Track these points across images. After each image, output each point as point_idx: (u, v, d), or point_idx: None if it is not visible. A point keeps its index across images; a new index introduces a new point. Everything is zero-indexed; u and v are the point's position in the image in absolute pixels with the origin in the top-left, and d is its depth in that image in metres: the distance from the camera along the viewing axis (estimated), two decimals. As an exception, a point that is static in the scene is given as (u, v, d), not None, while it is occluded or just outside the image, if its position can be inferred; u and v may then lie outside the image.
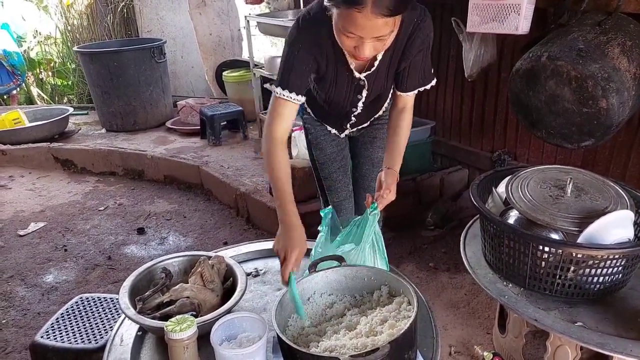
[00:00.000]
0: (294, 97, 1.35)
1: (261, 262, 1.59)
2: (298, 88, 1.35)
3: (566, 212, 1.43)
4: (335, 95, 1.50)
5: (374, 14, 1.09)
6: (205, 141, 3.97)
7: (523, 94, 1.88)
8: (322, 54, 1.35)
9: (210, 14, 4.71)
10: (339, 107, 1.58)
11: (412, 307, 1.06)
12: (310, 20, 1.31)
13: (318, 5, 1.30)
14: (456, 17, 2.38)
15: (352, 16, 1.12)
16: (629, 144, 2.16)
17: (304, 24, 1.32)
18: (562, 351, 1.43)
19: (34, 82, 5.87)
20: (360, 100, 1.54)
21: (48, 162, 3.97)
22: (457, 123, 3.01)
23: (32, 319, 2.25)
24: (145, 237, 2.93)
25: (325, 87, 1.46)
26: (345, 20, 1.15)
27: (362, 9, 1.09)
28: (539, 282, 1.44)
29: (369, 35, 1.16)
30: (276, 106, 1.36)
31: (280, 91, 1.34)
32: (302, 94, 1.37)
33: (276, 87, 1.35)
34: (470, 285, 2.25)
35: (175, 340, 1.01)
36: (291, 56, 1.33)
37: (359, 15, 1.10)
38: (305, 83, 1.37)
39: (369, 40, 1.17)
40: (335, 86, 1.46)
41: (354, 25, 1.13)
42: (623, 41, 1.71)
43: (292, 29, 1.34)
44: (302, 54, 1.33)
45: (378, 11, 1.09)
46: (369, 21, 1.11)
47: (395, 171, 1.49)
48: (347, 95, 1.51)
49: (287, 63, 1.34)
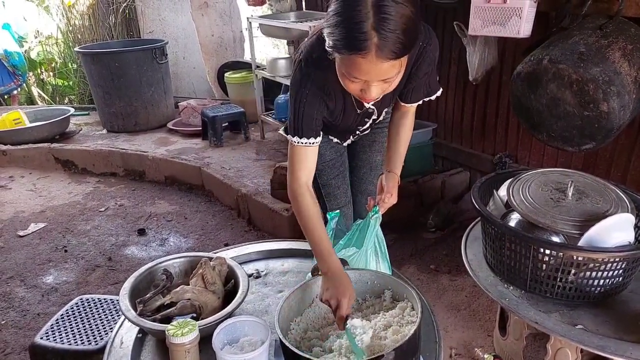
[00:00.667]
0: (312, 142, 1.30)
1: (262, 264, 1.59)
2: (313, 131, 1.30)
3: (567, 215, 1.43)
4: (343, 121, 1.46)
5: (379, 59, 1.01)
6: (207, 142, 3.97)
7: (524, 97, 1.88)
8: (330, 95, 1.30)
9: (213, 15, 4.72)
10: (344, 128, 1.56)
11: (416, 313, 1.06)
12: (314, 62, 1.24)
13: (318, 45, 1.20)
14: (458, 20, 2.38)
15: (355, 62, 1.04)
16: (629, 147, 2.17)
17: (308, 68, 1.25)
18: (563, 354, 1.43)
19: (35, 83, 5.88)
20: (368, 122, 1.54)
21: (49, 162, 3.97)
22: (458, 125, 3.01)
23: (31, 319, 2.25)
24: (146, 238, 2.93)
25: (333, 116, 1.42)
26: (348, 66, 1.08)
27: (365, 54, 1.01)
28: (539, 284, 1.44)
29: (375, 79, 1.09)
30: (295, 154, 1.31)
31: (298, 140, 1.29)
32: (319, 134, 1.32)
33: (292, 137, 1.30)
34: (471, 287, 2.25)
35: (176, 344, 1.01)
36: (300, 103, 1.27)
37: (363, 60, 1.02)
38: (319, 124, 1.32)
39: (375, 84, 1.11)
40: (344, 115, 1.42)
41: (357, 70, 1.06)
42: (624, 45, 1.72)
43: (296, 74, 1.28)
44: (310, 99, 1.27)
45: (383, 55, 1.00)
46: (374, 66, 1.03)
47: (396, 174, 1.49)
48: (356, 121, 1.50)
49: (297, 111, 1.28)
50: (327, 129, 1.64)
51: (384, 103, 1.45)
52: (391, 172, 1.49)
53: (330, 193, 1.76)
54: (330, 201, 1.78)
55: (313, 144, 1.31)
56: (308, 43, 1.28)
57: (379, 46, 0.99)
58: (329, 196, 1.77)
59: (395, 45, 1.00)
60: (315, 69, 1.24)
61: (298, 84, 1.27)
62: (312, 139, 1.30)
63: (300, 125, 1.28)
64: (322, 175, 1.74)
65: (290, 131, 1.30)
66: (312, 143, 1.30)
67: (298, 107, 1.28)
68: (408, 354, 0.99)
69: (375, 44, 0.99)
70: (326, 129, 1.64)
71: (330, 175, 1.73)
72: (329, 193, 1.76)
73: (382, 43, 0.99)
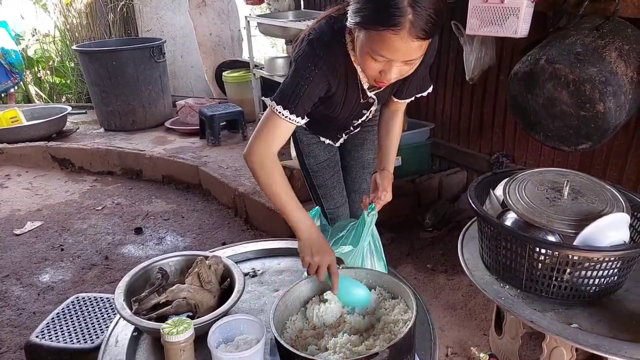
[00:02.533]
0: (296, 120, 1.25)
1: (259, 263, 1.59)
2: (304, 112, 1.26)
3: (563, 214, 1.44)
4: (342, 113, 1.44)
5: (410, 36, 1.01)
6: (204, 141, 3.96)
7: (521, 97, 1.88)
8: (336, 78, 1.27)
9: (211, 14, 4.71)
10: (340, 122, 1.53)
11: (411, 311, 1.07)
12: (326, 44, 1.22)
13: (329, 27, 1.23)
14: (456, 20, 2.38)
15: (385, 38, 1.03)
16: (625, 147, 2.17)
17: (321, 48, 1.21)
18: (558, 352, 1.44)
19: (32, 81, 5.86)
20: (365, 114, 1.52)
21: (45, 161, 3.96)
22: (456, 125, 3.01)
23: (27, 318, 2.24)
24: (143, 237, 2.93)
25: (331, 106, 1.39)
26: (376, 43, 1.06)
27: (398, 30, 1.00)
28: (535, 283, 1.45)
29: (401, 59, 1.08)
30: (276, 125, 1.25)
31: (286, 113, 1.23)
32: (305, 118, 1.29)
33: (277, 106, 1.24)
34: (467, 286, 2.25)
35: (171, 342, 1.00)
36: (304, 80, 1.22)
37: (395, 37, 1.02)
38: (310, 107, 1.28)
39: (398, 64, 1.10)
40: (343, 105, 1.40)
41: (386, 47, 1.05)
42: (620, 45, 1.72)
43: (307, 50, 1.23)
44: (317, 78, 1.23)
45: (414, 33, 1.01)
46: (404, 44, 1.03)
47: (389, 172, 1.49)
48: (354, 112, 1.48)
49: (298, 86, 1.23)
50: (320, 129, 1.64)
51: (384, 94, 1.44)
52: (384, 170, 1.49)
53: (327, 194, 1.76)
54: (328, 201, 1.77)
55: (297, 123, 1.26)
56: (317, 26, 1.27)
57: (412, 23, 1.00)
58: (325, 197, 1.76)
59: (427, 24, 1.01)
60: (327, 51, 1.21)
61: (308, 60, 1.22)
62: (299, 118, 1.25)
63: (296, 100, 1.23)
64: (318, 176, 1.73)
65: (280, 101, 1.24)
66: (296, 122, 1.25)
67: (301, 83, 1.22)
68: (402, 351, 0.99)
69: (410, 20, 1.00)
70: (319, 129, 1.64)
71: (326, 175, 1.73)
72: (326, 194, 1.76)
73: (416, 20, 1.00)
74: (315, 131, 1.66)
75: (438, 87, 3.02)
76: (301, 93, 1.23)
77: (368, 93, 1.36)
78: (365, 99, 1.39)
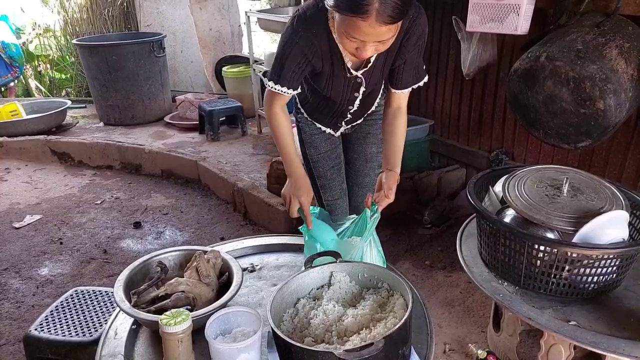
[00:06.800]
0: (285, 91, 1.42)
1: (257, 258, 1.59)
2: (290, 83, 1.41)
3: (562, 211, 1.44)
4: (333, 92, 1.51)
5: (378, 22, 1.11)
6: (204, 136, 3.96)
7: (521, 94, 1.88)
8: (316, 53, 1.37)
9: (211, 9, 4.70)
10: (335, 106, 1.58)
11: (407, 303, 1.07)
12: (306, 20, 1.33)
13: (314, 5, 1.32)
14: (457, 15, 2.38)
15: (356, 24, 1.14)
16: (625, 145, 2.17)
17: (299, 24, 1.33)
18: (556, 350, 1.44)
19: (32, 75, 5.85)
20: (357, 97, 1.55)
21: (45, 154, 3.96)
22: (455, 122, 3.01)
23: (26, 311, 2.24)
24: (142, 232, 2.93)
25: (321, 83, 1.48)
26: (348, 26, 1.17)
27: (366, 18, 1.11)
28: (534, 280, 1.45)
29: (372, 40, 1.19)
30: (271, 97, 1.47)
31: (273, 85, 1.41)
32: (295, 88, 1.43)
33: (269, 81, 1.42)
34: (465, 283, 2.25)
35: (169, 333, 1.01)
36: (283, 55, 1.37)
37: (363, 23, 1.12)
38: (297, 78, 1.42)
39: (371, 44, 1.20)
40: (332, 83, 1.47)
41: (357, 31, 1.16)
42: (621, 43, 1.72)
43: (287, 28, 1.36)
44: (294, 53, 1.35)
45: (382, 19, 1.11)
46: (372, 29, 1.13)
47: (396, 172, 1.50)
48: (345, 94, 1.52)
49: (279, 60, 1.38)
50: (317, 113, 1.66)
51: (373, 77, 1.48)
52: (391, 170, 1.49)
53: (325, 185, 1.77)
54: (326, 193, 1.78)
55: (287, 93, 1.43)
56: (305, 4, 1.36)
57: (379, 11, 1.09)
58: (324, 188, 1.77)
59: (393, 11, 1.11)
60: (306, 28, 1.33)
61: (287, 37, 1.36)
62: (287, 90, 1.41)
63: (279, 73, 1.39)
64: (317, 167, 1.75)
65: (269, 76, 1.43)
66: (285, 92, 1.42)
67: (281, 59, 1.38)
68: (398, 342, 0.99)
69: (376, 9, 1.09)
70: (317, 114, 1.67)
71: (325, 166, 1.74)
72: (324, 185, 1.77)
73: (382, 8, 1.09)
74: (315, 118, 1.70)
75: (438, 84, 3.02)
76: (282, 66, 1.38)
77: (350, 69, 1.43)
78: (351, 75, 1.44)
